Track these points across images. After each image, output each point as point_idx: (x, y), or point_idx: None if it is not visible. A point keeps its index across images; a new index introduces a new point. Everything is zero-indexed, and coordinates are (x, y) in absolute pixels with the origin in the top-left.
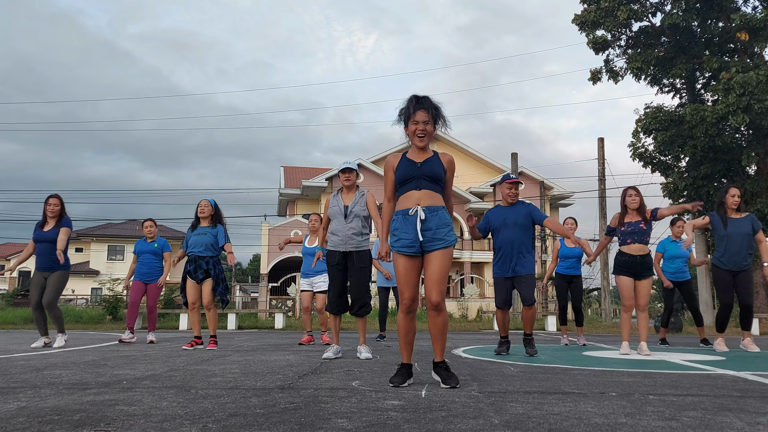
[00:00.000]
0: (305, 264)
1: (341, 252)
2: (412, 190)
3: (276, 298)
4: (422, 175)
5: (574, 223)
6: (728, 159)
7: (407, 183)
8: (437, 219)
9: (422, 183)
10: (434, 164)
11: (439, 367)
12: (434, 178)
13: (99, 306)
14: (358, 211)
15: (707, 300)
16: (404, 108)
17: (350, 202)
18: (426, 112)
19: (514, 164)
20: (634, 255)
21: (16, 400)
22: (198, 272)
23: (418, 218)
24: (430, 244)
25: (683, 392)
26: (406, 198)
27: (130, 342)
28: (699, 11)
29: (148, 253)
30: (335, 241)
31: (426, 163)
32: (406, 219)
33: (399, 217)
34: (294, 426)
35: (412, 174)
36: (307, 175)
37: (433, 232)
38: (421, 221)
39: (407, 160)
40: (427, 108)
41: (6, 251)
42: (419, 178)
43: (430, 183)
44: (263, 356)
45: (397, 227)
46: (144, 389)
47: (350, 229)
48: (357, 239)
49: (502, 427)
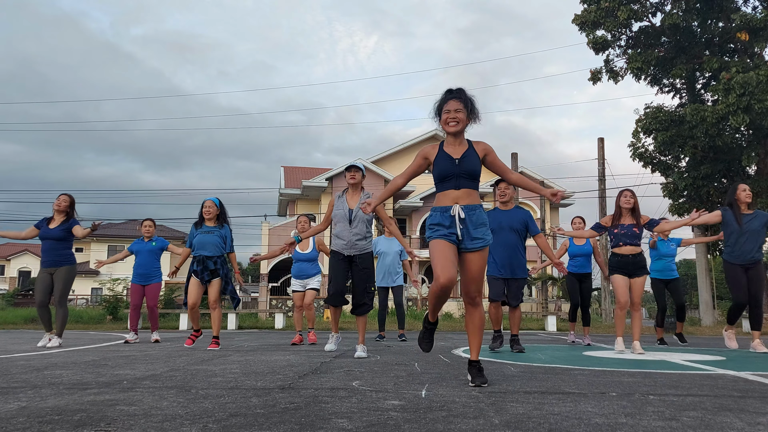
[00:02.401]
0: (296, 267)
1: (345, 255)
2: (451, 189)
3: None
4: (461, 174)
5: (582, 222)
6: (728, 159)
7: (446, 181)
8: (475, 217)
9: (461, 182)
10: (471, 160)
11: (473, 366)
12: (472, 175)
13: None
14: (363, 215)
15: (707, 300)
16: (438, 100)
17: (355, 205)
18: (458, 101)
19: (514, 164)
20: (627, 255)
21: (16, 400)
22: (204, 273)
23: (457, 217)
24: (468, 242)
25: (683, 392)
26: (445, 196)
27: (135, 342)
28: (699, 11)
29: (146, 252)
30: (340, 244)
31: (464, 159)
32: (444, 216)
33: (437, 213)
34: (294, 426)
35: (451, 172)
36: (308, 175)
37: (472, 232)
38: (460, 219)
39: (445, 155)
40: (458, 97)
41: (6, 251)
42: (458, 176)
43: (468, 181)
44: (263, 356)
45: (436, 221)
46: (144, 389)
47: (355, 235)
48: (361, 244)
49: (503, 427)
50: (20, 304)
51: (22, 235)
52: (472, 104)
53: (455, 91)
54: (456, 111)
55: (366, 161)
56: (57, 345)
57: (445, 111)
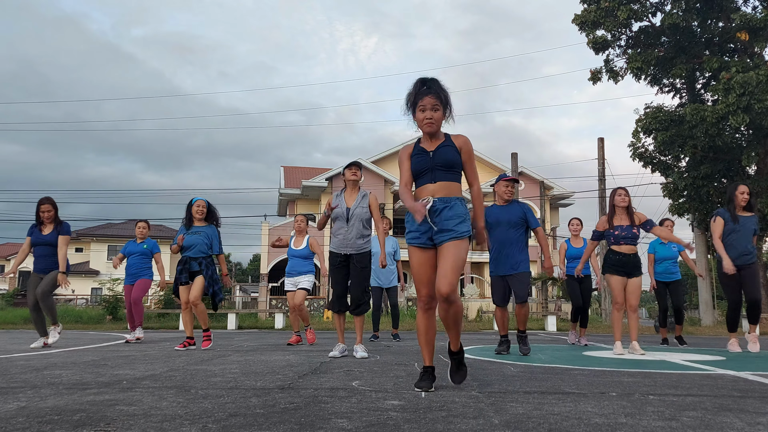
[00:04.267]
0: (290, 264)
1: (343, 254)
2: (427, 183)
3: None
4: (435, 166)
5: (580, 224)
6: (728, 159)
7: (422, 176)
8: (450, 210)
9: (437, 174)
10: (447, 151)
11: (453, 355)
12: (448, 165)
13: (99, 306)
14: (360, 214)
15: (707, 300)
16: (411, 92)
17: (353, 203)
18: (433, 97)
19: (514, 164)
20: (627, 254)
21: (16, 400)
22: (183, 274)
23: (426, 208)
24: (440, 235)
25: (683, 392)
26: (421, 191)
27: (135, 342)
28: (699, 11)
29: (137, 254)
30: (337, 243)
31: (438, 151)
32: None
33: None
34: (294, 426)
35: (425, 166)
36: (307, 175)
37: (443, 224)
38: (432, 212)
39: (420, 149)
40: (435, 92)
41: (6, 251)
42: (433, 169)
43: (444, 173)
44: (263, 356)
45: (409, 220)
46: (144, 389)
47: (353, 233)
48: (359, 243)
49: (502, 427)
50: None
51: (25, 252)
52: (446, 98)
53: (429, 82)
54: (432, 109)
55: (366, 161)
56: (57, 337)
57: (420, 108)
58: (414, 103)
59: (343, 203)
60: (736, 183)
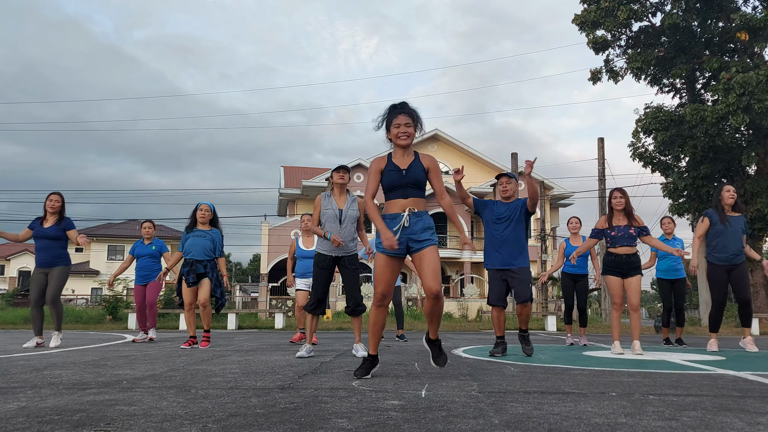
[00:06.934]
0: (300, 265)
1: (332, 257)
2: (398, 198)
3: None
4: (407, 184)
5: (579, 223)
6: (728, 159)
7: (394, 191)
8: (421, 223)
9: (408, 191)
10: (417, 170)
11: (432, 343)
12: (419, 185)
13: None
14: (352, 216)
15: (707, 300)
16: (385, 116)
17: (344, 206)
18: (406, 116)
19: (514, 164)
20: (621, 255)
21: (16, 400)
22: (190, 276)
23: (402, 223)
24: (416, 244)
25: (683, 392)
26: (393, 204)
27: (143, 341)
28: (699, 11)
29: (147, 257)
30: (327, 246)
31: (410, 170)
32: (392, 223)
33: (386, 221)
34: (294, 426)
35: (398, 182)
36: (307, 175)
37: (418, 235)
38: (404, 227)
39: (393, 165)
40: (407, 112)
41: (6, 251)
42: (405, 186)
43: (415, 190)
44: (263, 356)
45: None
46: (144, 389)
47: (343, 236)
48: (350, 245)
49: (502, 427)
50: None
51: (18, 237)
52: (417, 117)
53: (400, 105)
54: (406, 125)
55: (365, 161)
56: (58, 342)
57: (395, 125)
58: (389, 123)
59: (334, 205)
60: (722, 184)
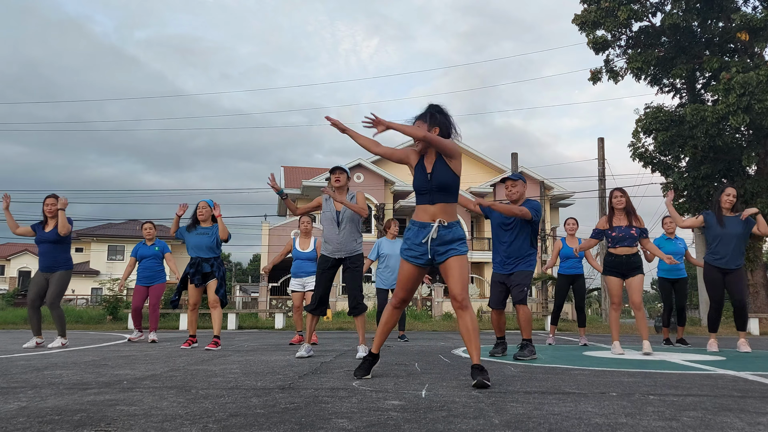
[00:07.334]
0: (296, 266)
1: (335, 258)
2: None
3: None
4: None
5: (575, 224)
6: (728, 159)
7: (421, 195)
8: (451, 235)
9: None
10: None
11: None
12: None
13: (99, 306)
14: (350, 216)
15: (707, 299)
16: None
17: (341, 207)
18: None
19: (514, 164)
20: (621, 255)
21: (16, 400)
22: (196, 276)
23: (430, 235)
24: (440, 257)
25: (683, 392)
26: (421, 211)
27: (138, 340)
28: (699, 11)
29: (150, 258)
30: (328, 249)
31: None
32: (421, 232)
33: (414, 228)
34: (294, 426)
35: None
36: (308, 175)
37: (446, 246)
38: (433, 239)
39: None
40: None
41: (6, 251)
42: (431, 191)
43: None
44: (263, 356)
45: (409, 236)
46: (144, 389)
47: (345, 237)
48: (351, 246)
49: (503, 427)
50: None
51: (18, 227)
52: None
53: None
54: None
55: (365, 161)
56: (60, 345)
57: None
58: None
59: (332, 208)
60: (725, 185)
